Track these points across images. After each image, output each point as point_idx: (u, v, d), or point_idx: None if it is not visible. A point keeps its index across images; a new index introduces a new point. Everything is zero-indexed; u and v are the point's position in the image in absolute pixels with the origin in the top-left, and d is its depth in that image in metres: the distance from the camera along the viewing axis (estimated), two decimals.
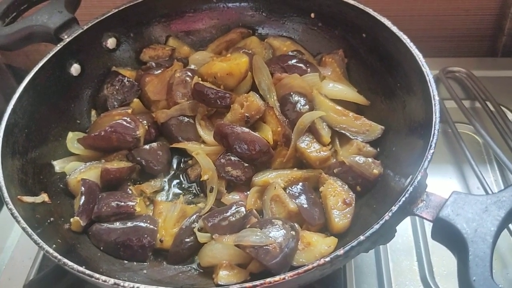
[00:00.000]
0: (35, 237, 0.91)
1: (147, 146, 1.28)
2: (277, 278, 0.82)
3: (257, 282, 0.81)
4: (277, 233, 1.01)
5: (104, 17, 1.37)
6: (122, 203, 1.13)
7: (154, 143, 1.29)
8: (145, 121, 1.31)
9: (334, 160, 1.22)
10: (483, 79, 1.59)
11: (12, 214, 0.95)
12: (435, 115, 1.01)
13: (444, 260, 1.22)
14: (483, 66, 1.69)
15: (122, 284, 0.83)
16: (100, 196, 1.15)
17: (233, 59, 1.32)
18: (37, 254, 1.30)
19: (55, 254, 0.89)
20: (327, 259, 0.84)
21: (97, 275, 0.84)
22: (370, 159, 1.18)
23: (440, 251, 1.22)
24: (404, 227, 1.28)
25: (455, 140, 1.42)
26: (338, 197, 1.13)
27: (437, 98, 1.04)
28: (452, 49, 1.91)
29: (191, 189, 1.27)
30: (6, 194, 0.98)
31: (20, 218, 0.94)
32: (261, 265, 1.00)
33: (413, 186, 0.90)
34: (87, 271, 0.85)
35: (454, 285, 1.15)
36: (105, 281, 0.84)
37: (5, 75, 2.11)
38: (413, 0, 1.77)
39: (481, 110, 1.51)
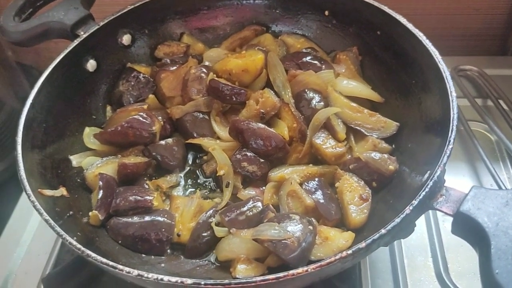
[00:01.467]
0: (58, 229, 0.92)
1: (163, 142, 1.29)
2: (300, 270, 0.83)
3: (281, 274, 0.82)
4: (295, 228, 1.02)
5: (120, 13, 1.38)
6: (140, 198, 1.14)
7: (170, 139, 1.30)
8: (160, 117, 1.32)
9: (349, 156, 1.23)
10: (494, 78, 1.60)
11: (34, 206, 0.95)
12: (453, 111, 1.02)
13: (458, 257, 1.22)
14: (494, 65, 1.70)
15: (145, 275, 0.84)
16: (117, 191, 1.16)
17: (248, 56, 1.33)
18: (53, 249, 1.31)
19: (79, 246, 0.89)
20: (349, 252, 0.84)
21: (120, 267, 0.85)
22: (385, 155, 1.18)
23: (454, 248, 1.24)
24: (419, 223, 1.27)
25: (468, 138, 1.43)
26: (354, 193, 1.13)
27: (454, 94, 1.05)
28: (462, 48, 1.92)
29: (206, 184, 1.28)
30: (28, 187, 0.99)
31: (42, 211, 0.95)
32: (279, 259, 1.01)
33: (433, 180, 0.91)
34: (111, 263, 0.86)
35: (469, 281, 1.18)
36: (128, 272, 0.84)
37: (15, 72, 2.12)
38: None
39: (493, 108, 1.52)
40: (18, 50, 2.07)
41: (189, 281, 0.82)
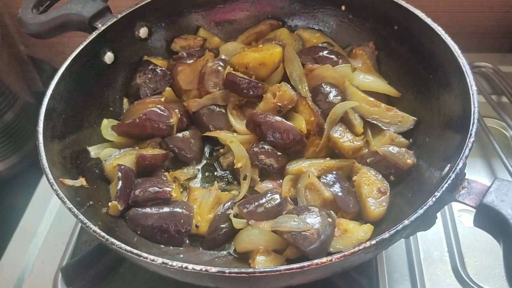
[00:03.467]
0: (82, 217, 0.92)
1: (180, 134, 1.29)
2: (324, 260, 0.83)
3: (305, 264, 0.82)
4: (314, 220, 1.02)
5: (137, 6, 1.38)
6: (159, 189, 1.14)
7: (187, 131, 1.31)
8: (176, 110, 1.32)
9: (367, 150, 1.23)
10: (509, 75, 1.60)
11: (57, 195, 0.96)
12: (474, 104, 1.02)
13: (475, 251, 1.23)
14: (508, 62, 1.70)
15: (170, 263, 0.84)
16: (136, 182, 1.16)
17: (265, 50, 1.33)
18: (70, 239, 1.32)
19: (103, 233, 0.90)
20: (373, 242, 0.85)
21: (144, 254, 0.86)
22: (403, 149, 1.19)
23: (471, 243, 1.24)
24: None
25: (483, 134, 1.43)
26: (372, 186, 1.13)
27: (475, 88, 1.05)
28: (474, 45, 1.91)
29: (223, 176, 1.28)
30: (50, 176, 0.99)
31: (65, 199, 0.95)
32: (298, 251, 1.02)
33: (455, 172, 0.91)
34: (135, 251, 0.86)
35: (486, 276, 1.18)
36: (153, 260, 0.85)
37: (27, 66, 2.13)
38: None
39: (508, 105, 1.52)
40: (30, 44, 2.08)
41: (213, 269, 0.83)
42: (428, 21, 1.22)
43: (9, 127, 1.73)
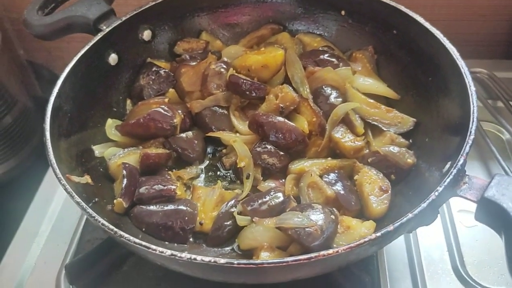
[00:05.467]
0: (90, 210, 0.93)
1: (183, 135, 1.31)
2: (330, 251, 0.84)
3: (313, 255, 0.84)
4: (317, 216, 1.04)
5: (141, 9, 1.40)
6: (163, 186, 1.15)
7: (190, 132, 1.32)
8: (179, 111, 1.34)
9: (367, 150, 1.25)
10: (504, 80, 1.64)
11: (65, 189, 0.97)
12: (473, 104, 1.05)
13: (474, 250, 1.25)
14: (502, 68, 1.73)
15: (179, 255, 0.85)
16: (140, 180, 1.17)
17: (268, 52, 1.36)
18: (73, 238, 1.32)
19: (111, 226, 0.91)
20: (379, 234, 0.86)
21: (153, 247, 0.86)
22: (403, 149, 1.21)
23: (470, 242, 1.26)
24: None
25: (480, 137, 1.46)
26: (374, 184, 1.16)
27: (473, 88, 1.08)
28: (467, 53, 1.94)
29: (226, 176, 1.30)
30: (58, 171, 1.00)
31: (74, 194, 0.96)
32: (302, 248, 1.03)
33: (456, 168, 0.93)
34: (144, 243, 0.87)
35: (485, 274, 1.20)
36: (162, 252, 0.85)
37: (26, 71, 2.14)
38: (430, 6, 1.82)
39: (504, 109, 1.55)
40: (30, 49, 2.09)
41: (222, 260, 0.84)
42: (427, 25, 1.25)
43: (7, 130, 1.73)
